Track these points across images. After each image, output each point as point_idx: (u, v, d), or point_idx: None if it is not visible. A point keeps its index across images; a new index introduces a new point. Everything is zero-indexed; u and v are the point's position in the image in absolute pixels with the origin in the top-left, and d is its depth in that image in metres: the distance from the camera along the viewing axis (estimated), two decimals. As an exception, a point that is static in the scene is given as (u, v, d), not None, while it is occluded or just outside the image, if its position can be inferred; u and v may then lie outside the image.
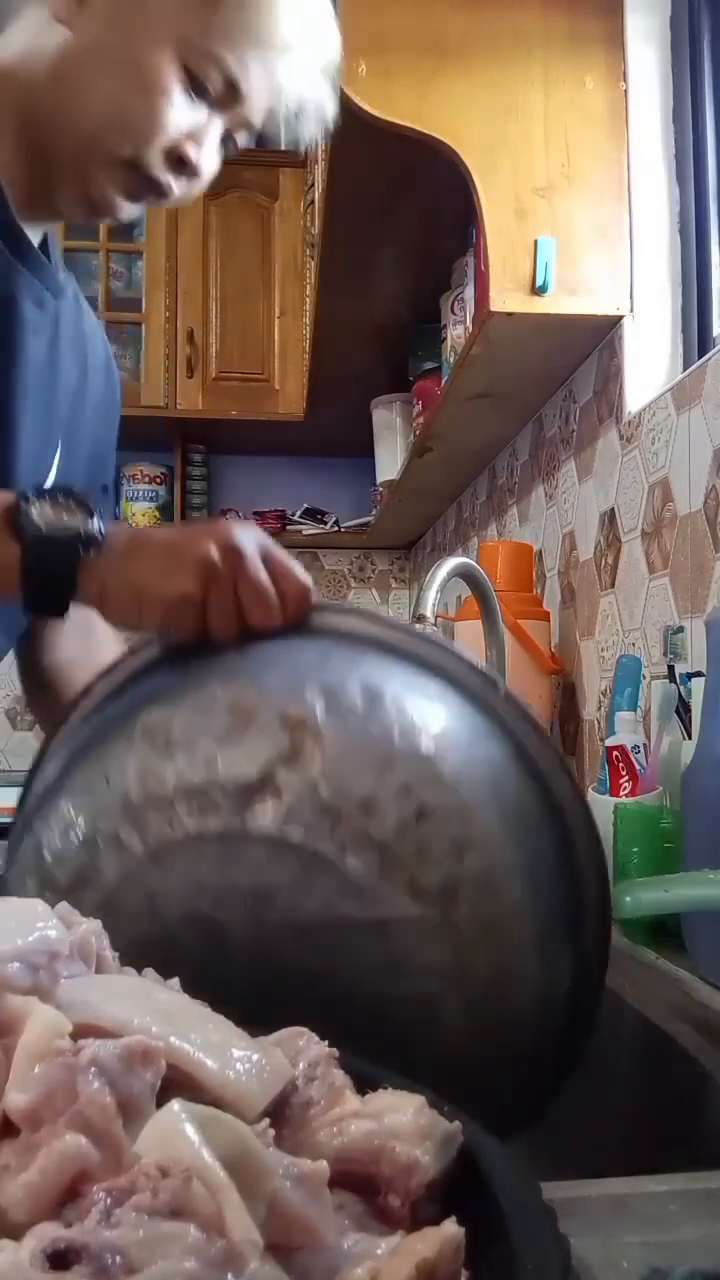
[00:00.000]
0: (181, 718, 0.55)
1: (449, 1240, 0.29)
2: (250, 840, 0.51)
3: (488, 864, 0.52)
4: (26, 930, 0.33)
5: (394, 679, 0.57)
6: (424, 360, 2.02)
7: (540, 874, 0.55)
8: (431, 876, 0.51)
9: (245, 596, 0.61)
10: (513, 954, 0.53)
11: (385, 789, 0.51)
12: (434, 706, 0.57)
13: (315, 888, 0.51)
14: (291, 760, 0.52)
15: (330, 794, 0.51)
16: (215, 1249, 0.25)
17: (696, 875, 0.67)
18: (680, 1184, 0.42)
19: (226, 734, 0.53)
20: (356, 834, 0.51)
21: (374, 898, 0.50)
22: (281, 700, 0.54)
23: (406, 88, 1.31)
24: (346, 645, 0.61)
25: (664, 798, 0.93)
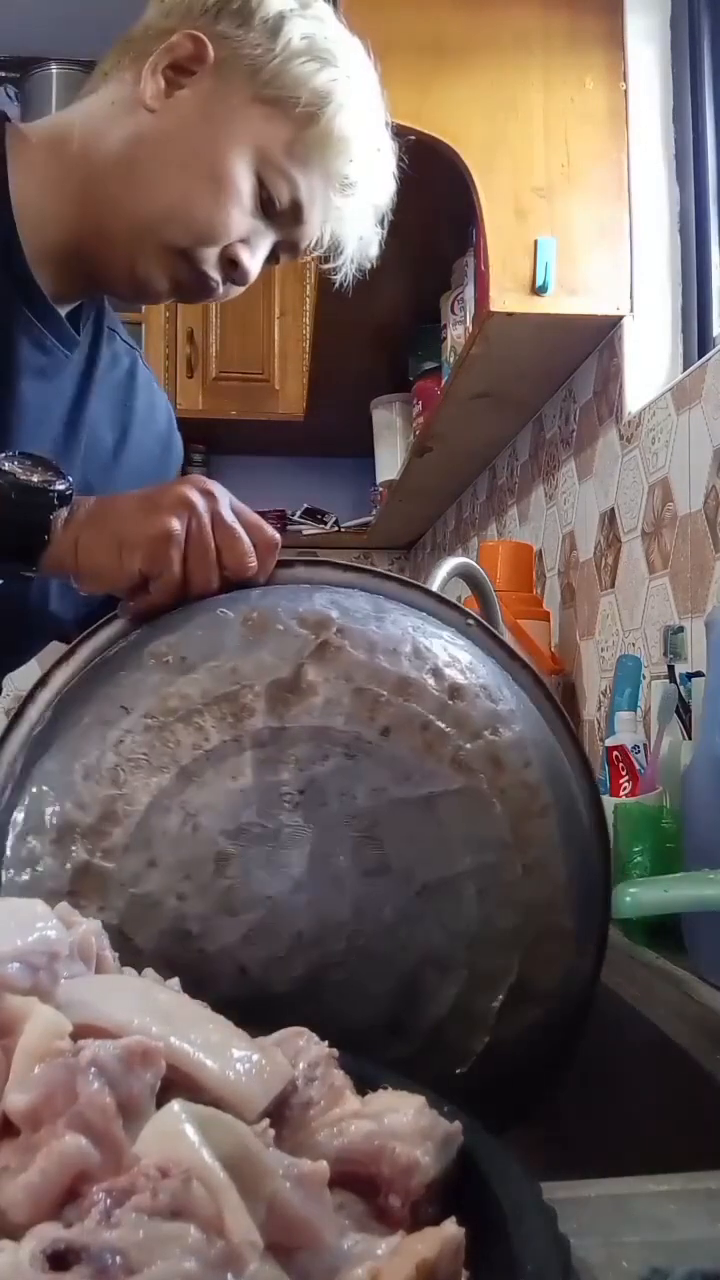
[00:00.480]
0: (194, 638, 0.54)
1: (449, 1241, 0.29)
2: (291, 736, 0.51)
3: (520, 736, 0.54)
4: (26, 930, 0.33)
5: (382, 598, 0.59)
6: (424, 360, 2.02)
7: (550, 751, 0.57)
8: (473, 747, 0.52)
9: (220, 541, 0.61)
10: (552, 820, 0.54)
11: (417, 670, 0.53)
12: (424, 624, 0.58)
13: (363, 774, 0.51)
14: (319, 654, 0.52)
15: (365, 679, 0.52)
16: (215, 1249, 0.25)
17: (696, 875, 0.67)
18: (680, 1184, 0.42)
19: (246, 643, 0.53)
20: (397, 714, 0.51)
21: (422, 775, 0.51)
22: (295, 607, 0.54)
23: (406, 88, 1.31)
24: (328, 588, 0.61)
25: (664, 798, 0.93)
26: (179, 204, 0.81)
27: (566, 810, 0.56)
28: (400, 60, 1.32)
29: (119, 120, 0.83)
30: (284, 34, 0.81)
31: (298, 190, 0.83)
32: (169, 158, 0.81)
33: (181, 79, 0.82)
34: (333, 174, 0.83)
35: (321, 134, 0.81)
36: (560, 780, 0.56)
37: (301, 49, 0.81)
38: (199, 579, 0.60)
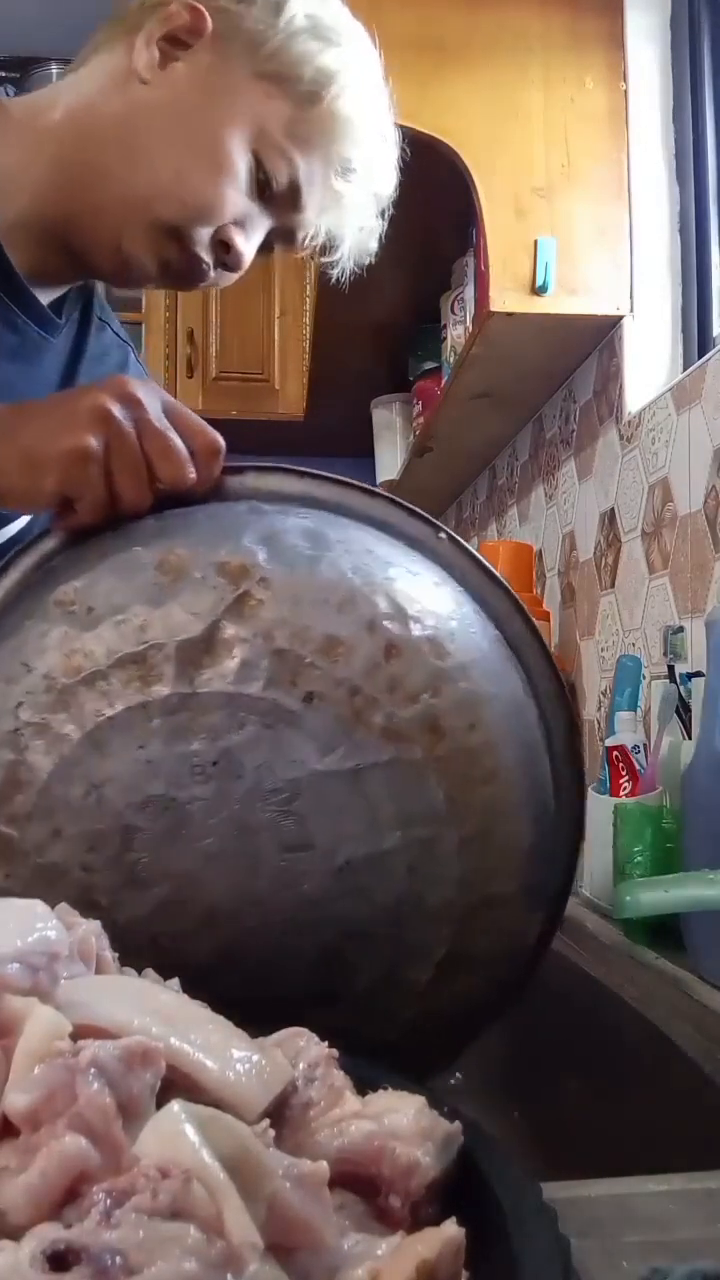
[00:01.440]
0: (103, 584, 0.49)
1: (449, 1241, 0.29)
2: (203, 703, 0.46)
3: (466, 695, 0.48)
4: (26, 931, 0.33)
5: (334, 525, 0.53)
6: (424, 360, 2.02)
7: (515, 700, 0.52)
8: (408, 713, 0.46)
9: (151, 450, 0.54)
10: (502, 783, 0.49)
11: (347, 627, 0.47)
12: (380, 547, 0.52)
13: (282, 745, 0.46)
14: (237, 610, 0.47)
15: (288, 639, 0.46)
16: (215, 1250, 0.25)
17: (696, 875, 0.67)
18: (680, 1184, 0.42)
19: (158, 593, 0.47)
20: (322, 679, 0.46)
21: (349, 746, 0.46)
22: (216, 551, 0.48)
23: (406, 88, 1.30)
24: (276, 502, 0.55)
25: (664, 798, 0.93)
26: (172, 179, 0.76)
27: (524, 764, 0.51)
28: (400, 60, 1.31)
29: (110, 92, 0.79)
30: (287, 10, 0.77)
31: (296, 172, 0.78)
32: (163, 131, 0.77)
33: (177, 51, 0.78)
34: (334, 158, 0.79)
35: (324, 115, 0.78)
36: (520, 730, 0.52)
37: (305, 26, 0.78)
38: (129, 497, 0.54)
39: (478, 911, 0.49)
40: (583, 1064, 0.82)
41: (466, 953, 0.49)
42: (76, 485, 0.54)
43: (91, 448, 0.53)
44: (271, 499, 0.55)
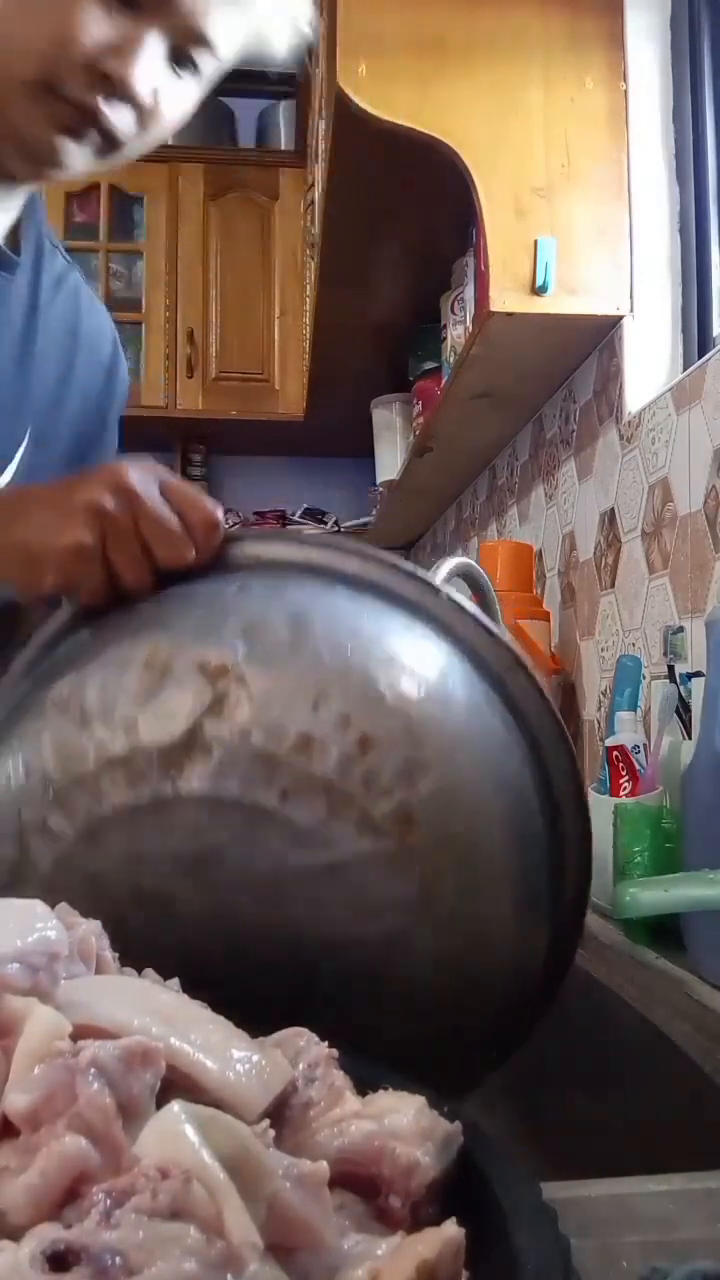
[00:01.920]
0: (94, 684, 0.51)
1: (449, 1241, 0.29)
2: (185, 804, 0.48)
3: (443, 783, 0.48)
4: (26, 931, 0.33)
5: (322, 601, 0.54)
6: (424, 360, 2.02)
7: (506, 781, 0.52)
8: (382, 807, 0.47)
9: (148, 535, 0.55)
10: (481, 867, 0.50)
11: (322, 724, 0.47)
12: (368, 623, 0.53)
13: (261, 842, 0.47)
14: (216, 711, 0.48)
15: (263, 740, 0.47)
16: (215, 1250, 0.25)
17: (696, 875, 0.67)
18: (680, 1184, 0.42)
19: (143, 694, 0.49)
20: (297, 777, 0.47)
21: (325, 840, 0.47)
22: (198, 647, 0.50)
23: (406, 88, 1.31)
24: (269, 574, 0.56)
25: (664, 798, 0.93)
26: (9, 30, 0.68)
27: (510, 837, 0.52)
28: (400, 60, 1.32)
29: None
30: None
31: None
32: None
33: None
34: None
35: None
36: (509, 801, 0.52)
37: None
38: (129, 581, 0.56)
39: (459, 987, 0.50)
40: (583, 1064, 0.82)
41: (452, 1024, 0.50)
42: (74, 579, 0.56)
43: (87, 545, 0.55)
44: (267, 569, 0.57)
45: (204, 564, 0.56)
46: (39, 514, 0.58)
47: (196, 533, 0.56)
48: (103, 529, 0.55)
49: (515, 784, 0.53)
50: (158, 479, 0.57)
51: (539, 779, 0.55)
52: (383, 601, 0.55)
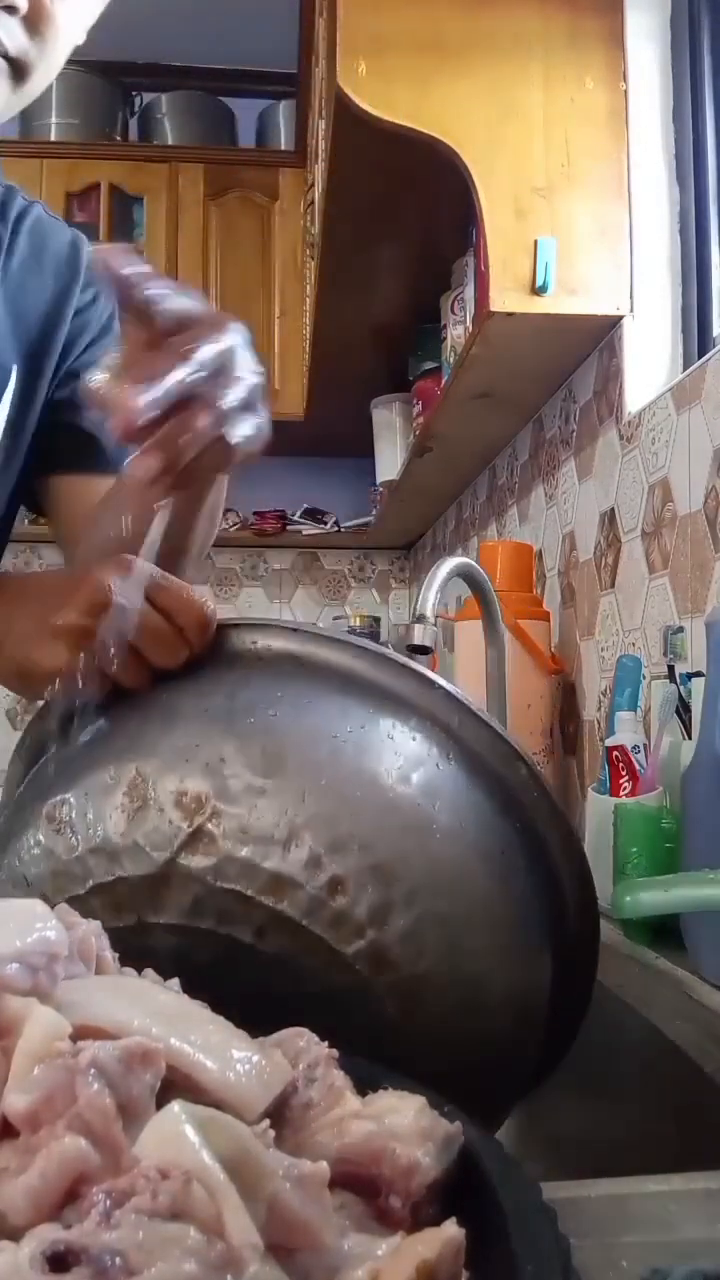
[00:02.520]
0: (81, 802, 0.53)
1: (450, 1241, 0.29)
2: (165, 932, 0.49)
3: (417, 921, 0.49)
4: (26, 931, 0.33)
5: (307, 713, 0.54)
6: (424, 360, 2.02)
7: (492, 897, 0.52)
8: (354, 947, 0.48)
9: (141, 644, 0.56)
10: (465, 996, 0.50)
11: (293, 865, 0.48)
12: (350, 744, 0.53)
13: (238, 969, 0.49)
14: (192, 845, 0.49)
15: (236, 876, 0.49)
16: (215, 1251, 0.25)
17: (696, 875, 0.67)
18: (680, 1184, 0.42)
19: (126, 822, 0.51)
20: (269, 916, 0.48)
21: (300, 975, 0.48)
22: (178, 777, 0.51)
23: (406, 88, 1.31)
24: (258, 673, 0.57)
25: (664, 798, 0.93)
26: None
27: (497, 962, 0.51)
28: (400, 60, 1.32)
29: None
30: None
31: None
32: None
33: None
34: None
35: None
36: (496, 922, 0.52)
37: None
38: (126, 683, 0.57)
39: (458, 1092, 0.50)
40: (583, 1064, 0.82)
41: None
42: (69, 691, 0.56)
43: (73, 667, 0.56)
44: (259, 660, 0.58)
45: (200, 656, 0.58)
46: (26, 626, 0.59)
47: (190, 634, 0.57)
48: (88, 648, 0.56)
49: (508, 901, 0.53)
50: (143, 582, 0.57)
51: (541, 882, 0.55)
52: (373, 698, 0.55)
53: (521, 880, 0.54)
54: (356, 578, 3.24)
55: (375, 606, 3.20)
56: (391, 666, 0.56)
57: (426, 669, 0.56)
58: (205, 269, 2.81)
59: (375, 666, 0.56)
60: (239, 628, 0.59)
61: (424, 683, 0.55)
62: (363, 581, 3.24)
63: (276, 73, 3.01)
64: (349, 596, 3.23)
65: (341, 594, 3.23)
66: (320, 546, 3.17)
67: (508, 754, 0.55)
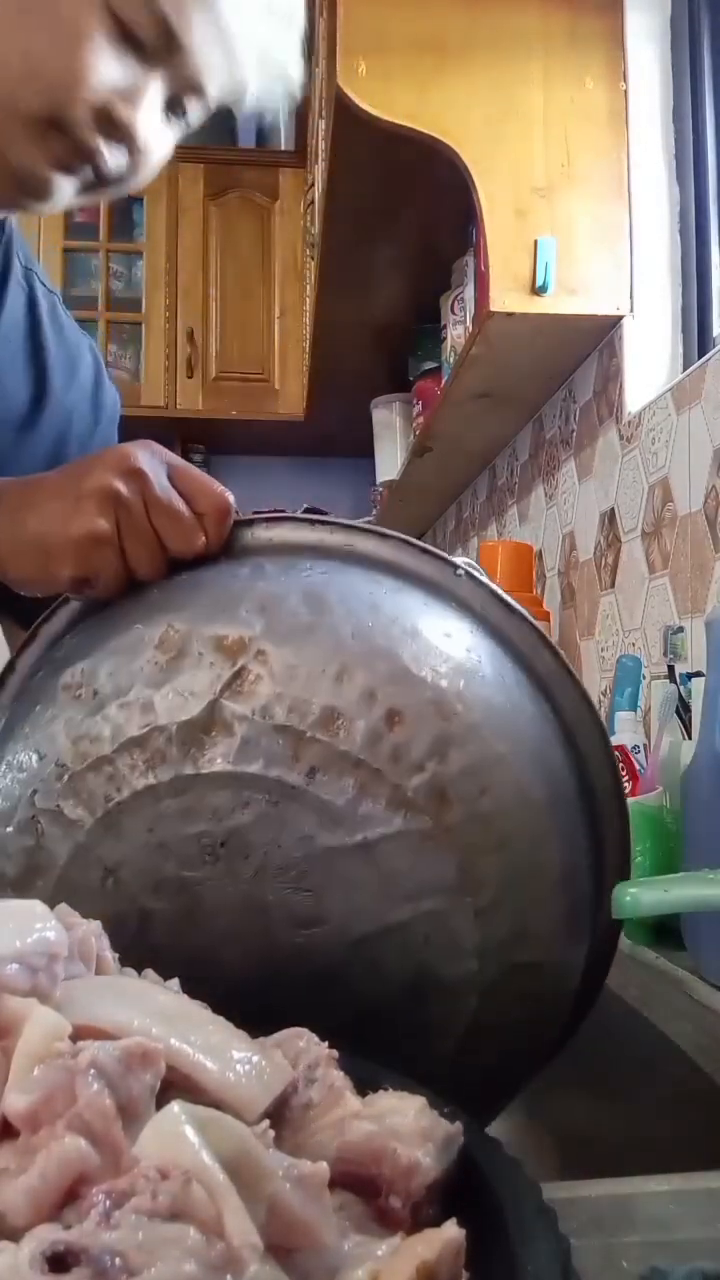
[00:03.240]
0: (106, 667, 0.49)
1: (450, 1242, 0.29)
2: (207, 784, 0.46)
3: (477, 759, 0.47)
4: (25, 931, 0.33)
5: (339, 580, 0.52)
6: (424, 360, 2.02)
7: (542, 761, 0.50)
8: (414, 782, 0.45)
9: (159, 523, 0.54)
10: (524, 853, 0.48)
11: (346, 698, 0.46)
12: (387, 601, 0.51)
13: (288, 822, 0.46)
14: (236, 687, 0.46)
15: (286, 715, 0.46)
16: (215, 1251, 0.25)
17: (696, 875, 0.67)
18: (680, 1184, 0.42)
19: (158, 673, 0.48)
20: (323, 754, 0.45)
21: (355, 820, 0.45)
22: (214, 625, 0.48)
23: (406, 88, 1.31)
24: (283, 557, 0.54)
25: (664, 798, 0.93)
26: (24, 63, 0.68)
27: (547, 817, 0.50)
28: (400, 60, 1.32)
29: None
30: None
31: (164, 15, 0.69)
32: (4, 17, 0.68)
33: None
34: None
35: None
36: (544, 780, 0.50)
37: None
38: (143, 570, 0.55)
39: (502, 981, 0.48)
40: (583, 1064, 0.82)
41: (494, 1022, 0.48)
42: (92, 569, 0.55)
43: (103, 530, 0.54)
44: (279, 552, 0.55)
45: (216, 551, 0.55)
46: (50, 504, 0.56)
47: (208, 520, 0.55)
48: (117, 515, 0.54)
49: (551, 765, 0.51)
50: (165, 463, 0.56)
51: (573, 763, 0.53)
52: (400, 580, 0.53)
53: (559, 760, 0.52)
54: (356, 578, 3.24)
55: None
56: (414, 551, 0.54)
57: (453, 557, 0.55)
58: (205, 269, 2.81)
59: (399, 551, 0.54)
60: (255, 524, 0.56)
61: (447, 566, 0.54)
62: (363, 581, 3.24)
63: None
64: (349, 596, 3.23)
65: (341, 594, 3.23)
66: (320, 546, 3.18)
67: (534, 640, 0.53)
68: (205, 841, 0.46)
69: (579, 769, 0.53)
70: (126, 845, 0.47)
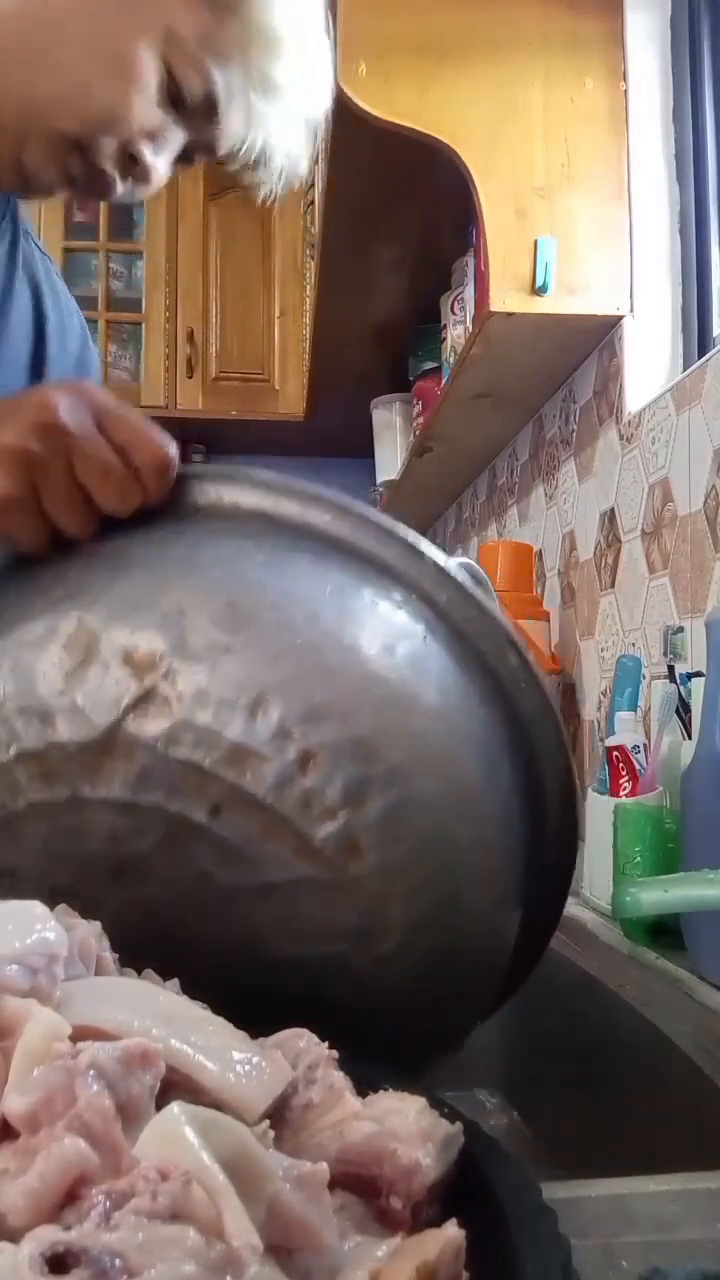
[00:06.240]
0: (10, 660, 0.45)
1: (450, 1242, 0.29)
2: (104, 807, 0.43)
3: (396, 803, 0.43)
4: (25, 932, 0.33)
5: (277, 579, 0.47)
6: (424, 360, 2.02)
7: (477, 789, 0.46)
8: (323, 832, 0.42)
9: (88, 481, 0.49)
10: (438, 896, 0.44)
11: (258, 735, 0.42)
12: (328, 606, 0.46)
13: (187, 856, 0.43)
14: (141, 710, 0.42)
15: (192, 746, 0.42)
16: (215, 1252, 0.25)
17: (696, 875, 0.67)
18: (680, 1184, 0.42)
19: (62, 679, 0.44)
20: (229, 793, 0.42)
21: (257, 861, 0.42)
22: (126, 628, 0.44)
23: (406, 88, 1.31)
24: (224, 532, 0.49)
25: (664, 798, 0.93)
26: (75, 88, 0.72)
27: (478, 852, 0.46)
28: (400, 60, 1.32)
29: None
30: None
31: (213, 85, 0.73)
32: (67, 36, 0.72)
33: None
34: (254, 73, 0.74)
35: (243, 25, 0.72)
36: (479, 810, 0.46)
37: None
38: (71, 529, 0.50)
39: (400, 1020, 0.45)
40: (583, 1064, 0.82)
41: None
42: (7, 531, 0.51)
43: (14, 497, 0.49)
44: (226, 518, 0.50)
45: (156, 506, 0.51)
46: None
47: (145, 475, 0.50)
48: (33, 477, 0.49)
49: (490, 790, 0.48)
50: (94, 408, 0.50)
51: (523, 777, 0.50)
52: (351, 570, 0.48)
53: (505, 772, 0.49)
54: (356, 578, 3.24)
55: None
56: (376, 531, 0.49)
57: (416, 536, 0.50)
58: (205, 269, 2.81)
59: (359, 531, 0.49)
60: (203, 479, 0.51)
61: (411, 552, 0.49)
62: (363, 581, 3.24)
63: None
64: (349, 596, 3.23)
65: (341, 594, 3.23)
66: (320, 546, 3.18)
67: (499, 639, 0.49)
68: (99, 862, 0.44)
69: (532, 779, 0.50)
70: (22, 851, 0.45)
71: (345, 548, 0.49)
